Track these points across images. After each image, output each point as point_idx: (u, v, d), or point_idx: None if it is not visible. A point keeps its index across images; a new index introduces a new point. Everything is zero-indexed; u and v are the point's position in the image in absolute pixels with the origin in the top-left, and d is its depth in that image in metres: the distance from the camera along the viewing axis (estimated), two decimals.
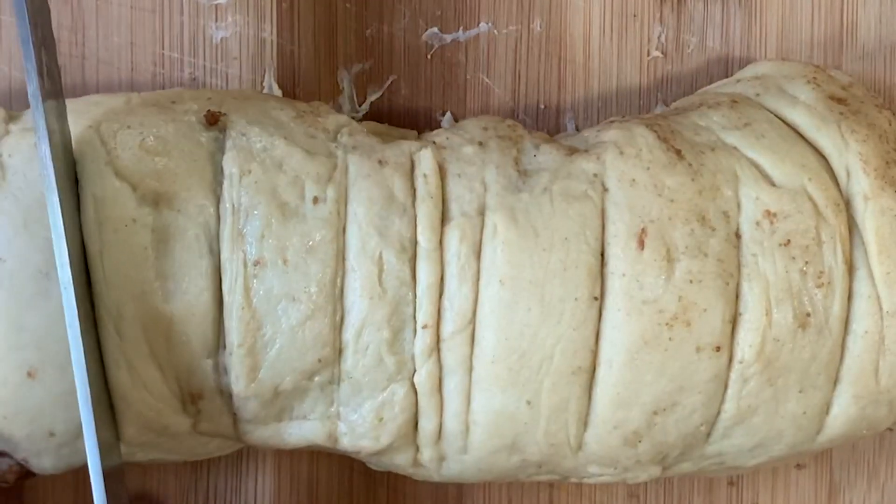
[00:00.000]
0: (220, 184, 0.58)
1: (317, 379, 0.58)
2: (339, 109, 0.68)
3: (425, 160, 0.59)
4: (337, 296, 0.58)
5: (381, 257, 0.58)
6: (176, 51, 0.67)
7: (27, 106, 0.63)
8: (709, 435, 0.60)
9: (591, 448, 0.60)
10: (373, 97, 0.68)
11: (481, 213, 0.58)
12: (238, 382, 0.58)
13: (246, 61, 0.68)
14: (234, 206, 0.58)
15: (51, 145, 0.56)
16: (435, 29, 0.69)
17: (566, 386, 0.58)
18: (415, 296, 0.58)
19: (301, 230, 0.57)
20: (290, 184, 0.58)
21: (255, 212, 0.58)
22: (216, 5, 0.67)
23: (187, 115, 0.60)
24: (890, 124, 0.63)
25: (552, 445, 0.59)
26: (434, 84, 0.69)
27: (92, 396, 0.55)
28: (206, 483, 0.69)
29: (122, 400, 0.58)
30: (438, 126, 0.68)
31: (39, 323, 0.57)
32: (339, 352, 0.58)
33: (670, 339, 0.57)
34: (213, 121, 0.60)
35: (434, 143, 0.61)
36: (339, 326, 0.58)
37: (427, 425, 0.59)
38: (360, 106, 0.68)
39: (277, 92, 0.67)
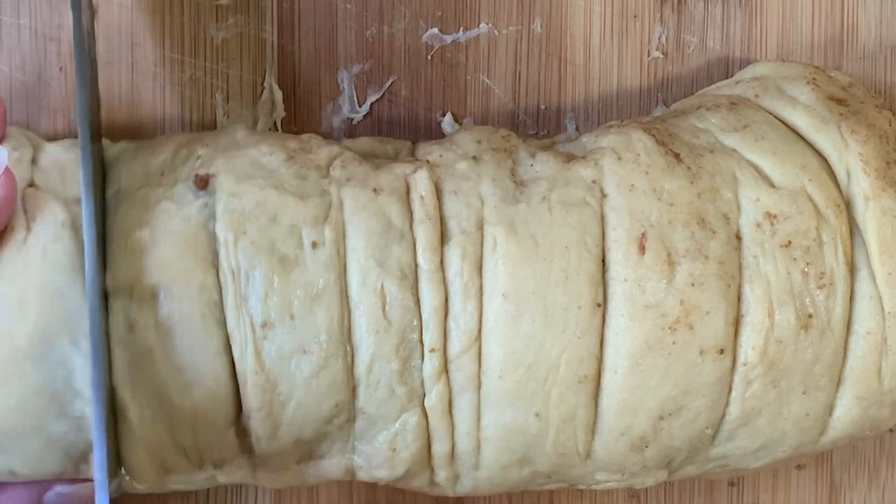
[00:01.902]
0: (216, 252, 0.57)
1: (335, 422, 0.58)
2: (339, 110, 0.68)
3: (421, 182, 0.59)
4: (346, 337, 0.57)
5: (382, 289, 0.57)
6: (176, 51, 0.67)
7: (26, 105, 0.63)
8: (714, 438, 0.60)
9: (598, 455, 0.60)
10: (373, 98, 0.68)
11: (480, 227, 0.58)
12: (260, 443, 0.58)
13: (246, 61, 0.68)
14: (233, 272, 0.56)
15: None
16: (435, 30, 0.68)
17: (573, 395, 0.58)
18: (420, 320, 0.57)
19: (304, 280, 0.56)
20: (287, 234, 0.57)
21: (256, 272, 0.56)
22: (217, 6, 0.67)
23: (176, 186, 0.58)
24: (890, 125, 0.63)
25: (561, 455, 0.59)
26: (434, 85, 0.69)
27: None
28: None
29: (133, 469, 0.58)
30: (439, 127, 0.68)
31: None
32: (353, 391, 0.58)
33: (674, 342, 0.57)
34: (204, 185, 0.58)
35: (428, 161, 0.60)
36: (350, 367, 0.57)
37: (440, 448, 0.59)
38: (360, 107, 0.68)
39: (278, 92, 0.67)
